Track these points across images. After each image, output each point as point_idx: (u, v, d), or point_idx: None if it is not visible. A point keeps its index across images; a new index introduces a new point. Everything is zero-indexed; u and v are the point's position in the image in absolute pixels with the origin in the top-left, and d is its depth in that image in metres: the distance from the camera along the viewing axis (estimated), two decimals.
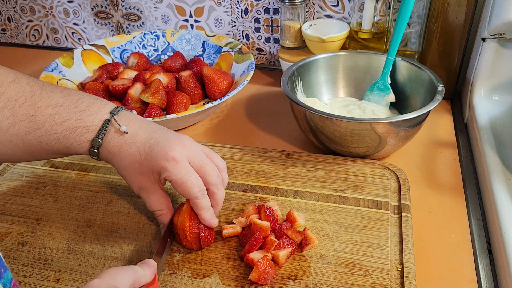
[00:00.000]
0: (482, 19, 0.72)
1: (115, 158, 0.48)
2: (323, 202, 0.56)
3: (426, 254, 0.51)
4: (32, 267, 0.49)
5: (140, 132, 0.49)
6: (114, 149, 0.48)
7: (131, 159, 0.48)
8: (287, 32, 0.86)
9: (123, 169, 0.49)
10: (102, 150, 0.48)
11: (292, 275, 0.47)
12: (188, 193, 0.47)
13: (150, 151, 0.47)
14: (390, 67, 0.70)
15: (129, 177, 0.49)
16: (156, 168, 0.47)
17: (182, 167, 0.47)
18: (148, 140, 0.48)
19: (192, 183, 0.47)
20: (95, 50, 0.89)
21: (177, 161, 0.46)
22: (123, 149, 0.48)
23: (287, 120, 0.77)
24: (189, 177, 0.47)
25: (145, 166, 0.47)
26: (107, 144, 0.48)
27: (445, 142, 0.70)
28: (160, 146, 0.47)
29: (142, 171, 0.48)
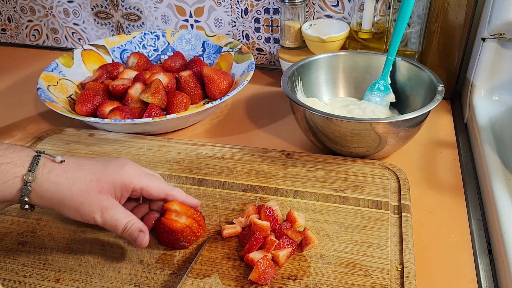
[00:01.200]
0: (482, 19, 0.72)
1: (63, 187, 0.44)
2: (323, 202, 0.56)
3: (426, 254, 0.51)
4: (32, 267, 0.49)
5: (82, 159, 0.48)
6: (60, 178, 0.44)
7: (86, 179, 0.45)
8: (287, 32, 0.86)
9: (77, 195, 0.44)
10: (39, 186, 0.44)
11: (292, 275, 0.47)
12: (163, 189, 0.50)
13: (106, 169, 0.46)
14: (390, 67, 0.70)
15: (88, 202, 0.45)
16: (119, 181, 0.46)
17: (144, 175, 0.49)
18: (95, 162, 0.47)
19: (161, 181, 0.51)
20: (95, 50, 0.89)
21: (139, 172, 0.49)
22: (71, 175, 0.45)
23: (287, 120, 0.77)
24: (155, 180, 0.50)
25: (105, 183, 0.46)
26: (48, 175, 0.44)
27: (445, 142, 0.70)
28: (114, 163, 0.48)
29: (102, 188, 0.46)
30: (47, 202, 0.45)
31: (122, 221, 0.46)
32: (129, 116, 0.70)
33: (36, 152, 0.46)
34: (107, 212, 0.45)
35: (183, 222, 0.49)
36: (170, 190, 0.50)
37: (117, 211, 0.46)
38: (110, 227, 0.46)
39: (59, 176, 0.44)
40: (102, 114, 0.72)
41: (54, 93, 0.76)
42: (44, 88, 0.75)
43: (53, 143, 0.69)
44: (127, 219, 0.47)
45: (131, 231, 0.46)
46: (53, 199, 0.45)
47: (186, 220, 0.49)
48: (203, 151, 0.66)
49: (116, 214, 0.46)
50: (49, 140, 0.70)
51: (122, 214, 0.46)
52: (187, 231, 0.49)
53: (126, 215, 0.47)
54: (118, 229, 0.46)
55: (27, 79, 0.96)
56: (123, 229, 0.46)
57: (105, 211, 0.45)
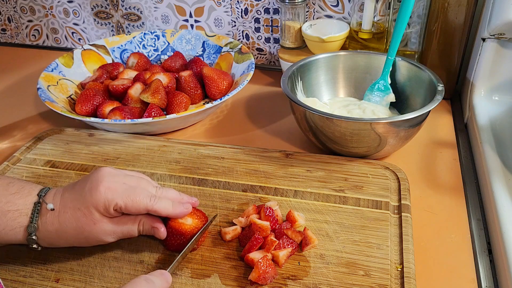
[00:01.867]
0: (482, 19, 0.72)
1: (60, 232, 0.45)
2: (323, 202, 0.56)
3: (426, 254, 0.51)
4: (32, 267, 0.49)
5: (65, 194, 0.47)
6: (54, 225, 0.45)
7: (75, 218, 0.45)
8: (287, 32, 0.86)
9: (76, 234, 0.45)
10: (42, 234, 0.46)
11: (292, 275, 0.47)
12: (144, 206, 0.46)
13: (84, 199, 0.45)
14: (390, 67, 0.70)
15: (91, 235, 0.46)
16: (99, 206, 0.45)
17: (121, 192, 0.45)
18: (74, 193, 0.46)
19: (142, 192, 0.46)
20: (95, 50, 0.89)
21: (114, 189, 0.45)
22: (61, 219, 0.45)
23: (287, 120, 0.77)
24: (134, 193, 0.46)
25: (92, 213, 0.45)
26: (46, 225, 0.45)
27: (445, 142, 0.70)
28: (88, 187, 0.46)
29: (94, 219, 0.45)
30: (57, 245, 0.48)
31: (134, 230, 0.48)
32: (129, 116, 0.70)
33: (38, 195, 0.47)
34: (114, 232, 0.47)
35: (190, 224, 0.49)
36: (152, 205, 0.46)
37: (123, 226, 0.47)
38: (125, 237, 0.48)
39: (53, 224, 0.45)
40: (102, 114, 0.72)
41: (54, 93, 0.76)
42: (44, 88, 0.75)
43: (53, 143, 0.69)
44: (135, 225, 0.48)
45: (146, 231, 0.48)
46: (60, 243, 0.47)
47: (192, 222, 0.49)
48: (203, 151, 0.66)
49: (124, 229, 0.47)
50: (49, 140, 0.70)
51: (129, 225, 0.47)
52: (196, 232, 0.49)
53: (132, 223, 0.47)
54: (134, 234, 0.48)
55: (27, 79, 0.96)
56: (138, 232, 0.48)
57: (111, 233, 0.47)
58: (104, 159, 0.66)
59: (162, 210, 0.47)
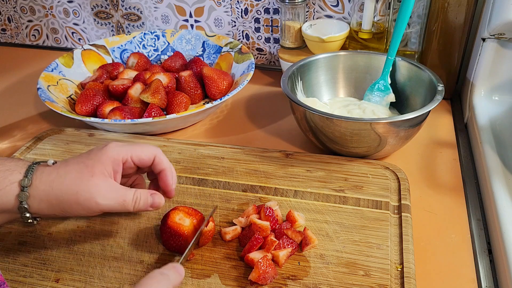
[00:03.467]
0: (482, 19, 0.72)
1: (55, 183, 0.44)
2: (323, 202, 0.56)
3: (426, 254, 0.51)
4: (32, 267, 0.49)
5: (68, 158, 0.47)
6: (51, 175, 0.44)
7: (75, 169, 0.44)
8: (287, 32, 0.86)
9: (71, 185, 0.43)
10: (35, 190, 0.43)
11: (292, 275, 0.47)
12: (152, 151, 0.49)
13: (89, 154, 0.46)
14: (390, 67, 0.70)
15: (83, 188, 0.44)
16: (106, 158, 0.45)
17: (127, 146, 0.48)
18: (80, 154, 0.47)
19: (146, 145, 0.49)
20: (95, 50, 0.89)
21: (121, 145, 0.47)
22: (61, 170, 0.45)
23: (287, 120, 0.77)
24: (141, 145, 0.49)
25: (93, 165, 0.45)
26: (41, 177, 0.44)
27: (445, 142, 0.70)
28: (97, 147, 0.47)
29: (93, 172, 0.44)
30: (45, 205, 0.44)
31: (128, 194, 0.45)
32: (129, 116, 0.70)
33: (32, 163, 0.46)
34: (107, 192, 0.44)
35: (187, 225, 0.49)
36: (160, 152, 0.50)
37: (117, 187, 0.45)
38: (118, 205, 0.45)
39: (50, 174, 0.44)
40: (102, 114, 0.72)
41: (54, 93, 0.76)
42: (44, 88, 0.75)
43: (53, 143, 0.69)
44: (131, 191, 0.46)
45: (143, 201, 0.46)
46: (50, 199, 0.43)
47: (190, 223, 0.49)
48: (203, 151, 0.66)
49: (119, 193, 0.45)
50: (49, 140, 0.70)
51: (123, 189, 0.46)
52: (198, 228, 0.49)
53: (128, 190, 0.46)
54: (128, 204, 0.45)
55: (27, 79, 0.96)
56: (133, 202, 0.46)
57: (104, 192, 0.44)
58: None
59: (166, 161, 0.50)
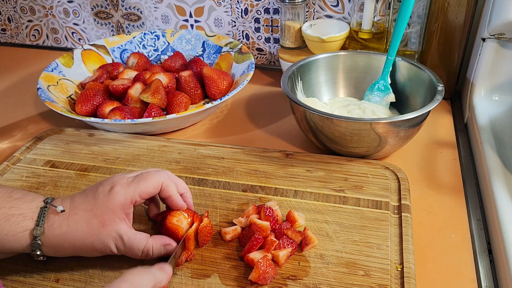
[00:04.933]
0: (482, 19, 0.72)
1: (67, 237, 0.44)
2: (323, 202, 0.56)
3: (426, 254, 0.51)
4: (32, 267, 0.49)
5: (75, 198, 0.47)
6: (62, 228, 0.44)
7: (85, 220, 0.45)
8: (287, 32, 0.86)
9: (84, 238, 0.44)
10: (47, 239, 0.44)
11: (292, 275, 0.47)
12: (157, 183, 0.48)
13: (96, 201, 0.45)
14: (390, 67, 0.70)
15: (98, 239, 0.45)
16: (115, 206, 0.45)
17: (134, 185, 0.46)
18: (85, 197, 0.46)
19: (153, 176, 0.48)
20: (95, 50, 0.89)
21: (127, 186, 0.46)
22: (71, 221, 0.45)
23: (287, 120, 0.77)
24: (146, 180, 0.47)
25: (103, 214, 0.45)
26: (51, 229, 0.44)
27: (445, 142, 0.70)
28: (101, 190, 0.46)
29: (103, 221, 0.45)
30: (62, 253, 0.46)
31: (138, 245, 0.46)
32: (129, 116, 0.70)
33: (44, 201, 0.46)
34: (119, 241, 0.45)
35: (185, 227, 0.49)
36: (165, 180, 0.49)
37: (128, 237, 0.45)
38: (128, 254, 0.47)
39: (61, 227, 0.44)
40: (102, 114, 0.72)
41: (54, 93, 0.76)
42: (44, 88, 0.75)
43: (53, 143, 0.69)
44: (142, 242, 0.46)
45: (156, 251, 0.47)
46: (66, 249, 0.45)
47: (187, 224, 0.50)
48: (203, 151, 0.66)
49: (127, 241, 0.45)
50: (49, 140, 0.70)
51: (133, 239, 0.46)
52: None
53: (139, 238, 0.46)
54: (137, 255, 0.46)
55: (27, 79, 0.96)
56: (144, 253, 0.46)
57: (117, 241, 0.45)
58: (104, 159, 0.66)
59: (172, 187, 0.49)
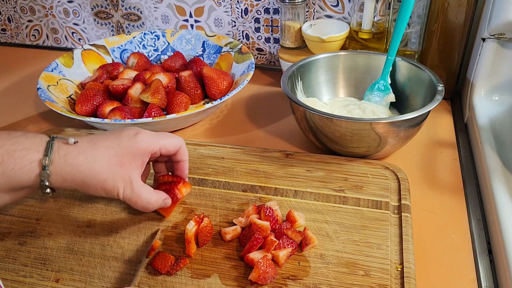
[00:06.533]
0: (482, 19, 0.72)
1: (82, 168, 0.44)
2: (323, 202, 0.56)
3: (426, 254, 0.51)
4: (32, 267, 0.49)
5: (93, 137, 0.47)
6: (79, 159, 0.44)
7: (106, 156, 0.46)
8: (287, 32, 0.86)
9: (100, 172, 0.45)
10: (58, 169, 0.44)
11: (292, 275, 0.47)
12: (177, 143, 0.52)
13: (120, 142, 0.47)
14: (390, 67, 0.70)
15: (111, 177, 0.46)
16: (137, 150, 0.47)
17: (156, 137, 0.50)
18: (107, 137, 0.48)
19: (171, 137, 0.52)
20: (95, 50, 0.89)
21: (151, 136, 0.50)
22: (89, 154, 0.45)
23: (287, 120, 0.77)
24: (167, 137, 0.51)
25: (124, 155, 0.47)
26: (65, 158, 0.44)
27: (445, 142, 0.70)
28: (126, 133, 0.48)
29: (122, 162, 0.46)
30: (69, 184, 0.45)
31: (144, 196, 0.48)
32: (129, 116, 0.70)
33: (49, 137, 0.46)
34: (129, 186, 0.47)
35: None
36: (183, 143, 0.53)
37: (137, 186, 0.47)
38: (131, 202, 0.48)
39: (77, 157, 0.44)
40: (102, 114, 0.72)
41: (54, 93, 0.76)
42: (44, 88, 0.75)
43: None
44: (148, 195, 0.48)
45: (155, 204, 0.50)
46: (75, 180, 0.45)
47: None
48: (203, 151, 0.66)
49: (136, 190, 0.47)
50: None
51: (142, 190, 0.48)
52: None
53: (147, 190, 0.49)
54: (138, 205, 0.48)
55: (27, 79, 0.96)
56: (145, 205, 0.49)
57: (127, 185, 0.47)
58: None
59: (186, 152, 0.53)
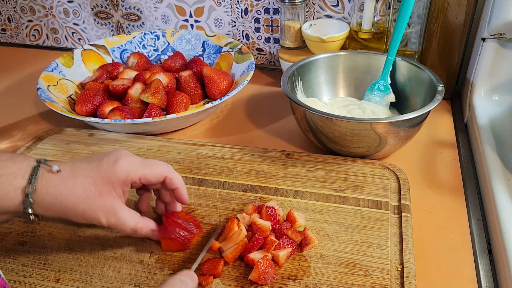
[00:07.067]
0: (482, 19, 0.72)
1: (61, 198, 0.44)
2: (323, 202, 0.56)
3: (426, 254, 0.51)
4: (32, 267, 0.49)
5: (77, 163, 0.46)
6: (58, 188, 0.44)
7: (84, 185, 0.44)
8: (287, 32, 0.86)
9: (78, 202, 0.44)
10: (40, 198, 0.43)
11: (292, 275, 0.47)
12: (161, 173, 0.48)
13: (99, 170, 0.45)
14: (390, 67, 0.70)
15: (90, 208, 0.44)
16: (115, 179, 0.45)
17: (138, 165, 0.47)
18: (89, 163, 0.46)
19: (157, 165, 0.49)
20: (95, 50, 0.89)
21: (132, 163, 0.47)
22: (69, 183, 0.44)
23: (287, 120, 0.77)
24: (151, 166, 0.48)
25: (103, 184, 0.45)
26: (46, 187, 0.43)
27: (445, 142, 0.70)
28: (106, 160, 0.46)
29: (101, 191, 0.45)
30: (51, 213, 0.45)
31: (129, 223, 0.46)
32: (129, 116, 0.70)
33: (36, 161, 0.45)
34: (112, 215, 0.45)
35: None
36: (168, 172, 0.49)
37: (121, 211, 0.46)
38: (117, 229, 0.46)
39: (57, 186, 0.44)
40: (102, 114, 0.72)
41: (54, 93, 0.76)
42: (44, 88, 0.75)
43: (53, 143, 0.69)
44: (133, 221, 0.46)
45: (144, 233, 0.47)
46: (56, 210, 0.44)
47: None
48: (203, 151, 0.66)
49: (121, 217, 0.46)
50: (49, 140, 0.70)
51: (127, 216, 0.46)
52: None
53: (131, 216, 0.47)
54: (125, 231, 0.47)
55: (27, 79, 0.96)
56: (132, 231, 0.47)
57: (109, 214, 0.45)
58: None
59: (177, 179, 0.49)
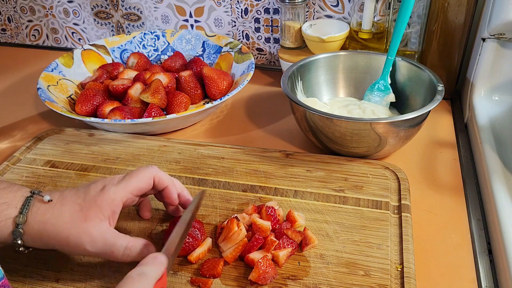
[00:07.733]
0: (482, 19, 0.72)
1: (48, 225, 0.43)
2: (323, 202, 0.56)
3: (426, 254, 0.51)
4: (32, 267, 0.49)
5: (66, 191, 0.46)
6: (45, 216, 0.43)
7: (70, 211, 0.43)
8: (287, 32, 0.86)
9: (63, 228, 0.43)
10: (29, 227, 0.43)
11: (292, 275, 0.47)
12: (148, 175, 0.48)
13: (86, 195, 0.44)
14: (390, 67, 0.70)
15: (74, 234, 0.43)
16: (103, 202, 0.44)
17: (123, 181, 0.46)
18: (76, 192, 0.45)
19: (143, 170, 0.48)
20: (95, 50, 0.89)
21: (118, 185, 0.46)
22: (56, 210, 0.43)
23: (287, 120, 0.77)
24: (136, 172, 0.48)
25: (89, 209, 0.43)
26: (35, 216, 0.43)
27: (445, 142, 0.70)
28: (93, 187, 0.45)
29: (87, 216, 0.43)
30: (39, 243, 0.44)
31: (121, 242, 0.44)
32: (129, 116, 0.70)
33: (31, 192, 0.45)
34: (98, 240, 0.43)
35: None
36: (155, 172, 0.48)
37: (109, 234, 0.44)
38: (105, 255, 0.44)
39: (44, 214, 0.43)
40: (102, 114, 0.72)
41: (54, 93, 0.76)
42: (44, 88, 0.75)
43: (53, 143, 0.69)
44: (125, 240, 0.44)
45: (135, 253, 0.44)
46: (43, 238, 0.43)
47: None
48: (203, 151, 0.66)
49: (108, 239, 0.43)
50: (49, 140, 0.70)
51: (115, 238, 0.44)
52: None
53: (121, 236, 0.44)
54: (115, 255, 0.44)
55: (27, 79, 0.96)
56: (122, 254, 0.44)
57: (95, 239, 0.43)
58: (104, 159, 0.66)
59: (165, 177, 0.49)
